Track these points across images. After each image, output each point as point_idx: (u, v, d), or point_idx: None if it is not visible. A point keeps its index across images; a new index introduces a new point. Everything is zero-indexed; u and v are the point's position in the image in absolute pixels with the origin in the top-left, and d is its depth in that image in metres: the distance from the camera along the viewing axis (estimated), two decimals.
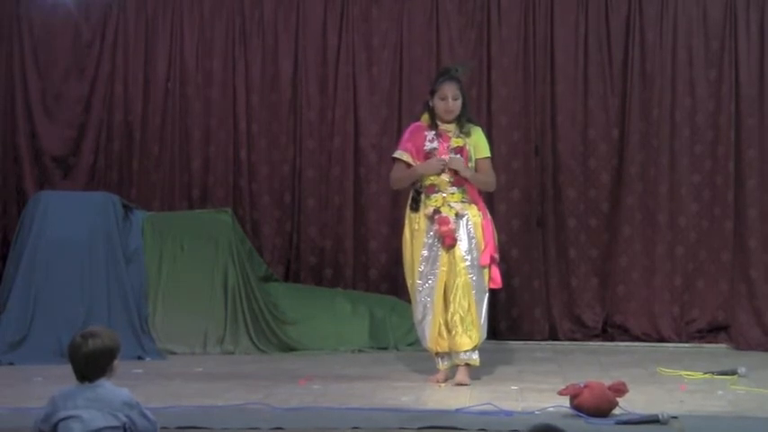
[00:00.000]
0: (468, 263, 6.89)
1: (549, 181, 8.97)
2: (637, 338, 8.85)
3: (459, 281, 6.86)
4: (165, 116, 9.18)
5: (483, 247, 6.93)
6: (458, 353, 6.89)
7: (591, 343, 8.84)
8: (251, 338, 8.35)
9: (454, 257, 6.90)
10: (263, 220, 9.13)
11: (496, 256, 7.04)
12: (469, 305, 6.86)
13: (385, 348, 8.47)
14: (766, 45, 8.82)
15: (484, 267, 6.92)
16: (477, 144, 7.07)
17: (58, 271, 8.06)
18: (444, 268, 6.90)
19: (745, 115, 8.81)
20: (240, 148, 9.14)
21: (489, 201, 8.90)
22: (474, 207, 7.00)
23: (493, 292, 7.15)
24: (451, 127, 7.04)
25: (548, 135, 8.98)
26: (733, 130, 8.81)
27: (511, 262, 8.90)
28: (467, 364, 6.90)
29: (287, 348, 8.38)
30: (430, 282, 6.96)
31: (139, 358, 7.88)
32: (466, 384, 6.84)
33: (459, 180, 6.97)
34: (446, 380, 6.95)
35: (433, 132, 7.06)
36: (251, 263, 8.65)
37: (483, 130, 7.23)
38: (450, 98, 6.99)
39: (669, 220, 8.87)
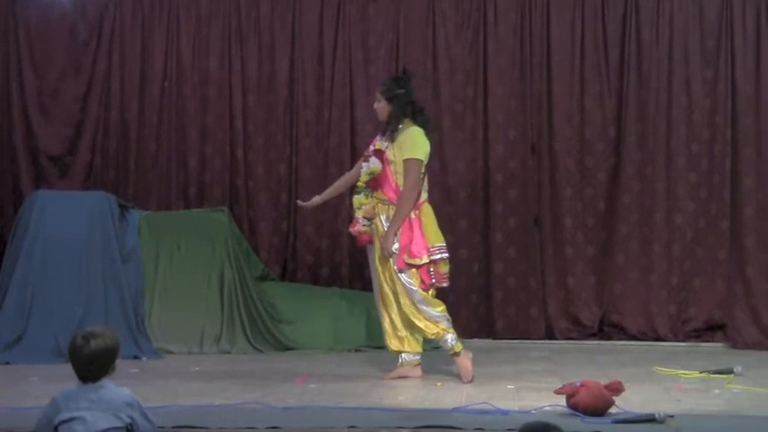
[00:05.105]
0: (380, 268, 7.04)
1: (546, 180, 8.97)
2: (633, 337, 8.85)
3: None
4: (162, 115, 9.18)
5: (397, 252, 6.95)
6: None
7: (587, 342, 8.85)
8: (247, 338, 8.34)
9: (375, 262, 7.09)
10: (260, 218, 9.13)
11: (422, 257, 6.92)
12: (383, 311, 7.05)
13: (381, 348, 8.44)
14: (762, 43, 8.83)
15: (400, 271, 6.93)
16: (401, 145, 7.02)
17: (55, 270, 8.06)
18: (376, 272, 7.09)
19: (742, 114, 8.81)
20: (237, 147, 9.14)
21: (486, 199, 8.95)
22: (393, 210, 7.01)
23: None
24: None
25: (544, 134, 8.98)
26: (729, 128, 8.82)
27: (507, 261, 8.92)
28: (453, 354, 6.99)
29: (283, 347, 8.38)
30: (375, 282, 7.18)
31: (136, 357, 7.88)
32: (465, 378, 6.93)
33: (371, 183, 7.07)
34: (399, 377, 7.05)
35: (378, 136, 7.20)
36: (247, 262, 8.65)
37: (426, 132, 7.07)
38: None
39: (666, 219, 8.88)
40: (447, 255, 7.07)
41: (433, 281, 6.99)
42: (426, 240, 6.97)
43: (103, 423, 4.20)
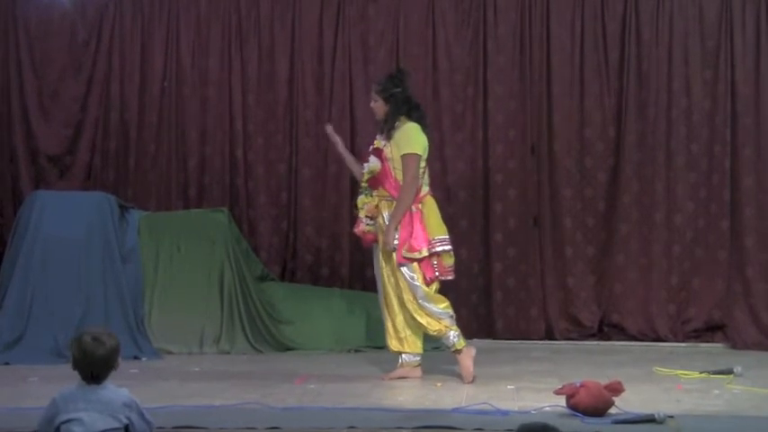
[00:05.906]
0: (384, 266, 7.06)
1: (546, 180, 8.96)
2: (633, 338, 8.85)
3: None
4: (162, 115, 9.18)
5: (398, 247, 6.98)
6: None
7: (587, 342, 8.84)
8: (247, 338, 8.34)
9: (379, 260, 7.11)
10: (260, 219, 9.13)
11: (421, 250, 6.94)
12: (385, 312, 7.08)
13: (381, 348, 8.44)
14: (762, 44, 8.83)
15: (401, 266, 6.95)
16: (398, 141, 7.06)
17: (55, 271, 8.05)
18: (382, 270, 7.09)
19: (741, 114, 8.81)
20: (236, 148, 9.14)
21: (486, 199, 8.95)
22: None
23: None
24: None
25: (544, 134, 8.97)
26: (729, 128, 8.82)
27: (507, 261, 8.92)
28: (455, 351, 6.99)
29: (283, 348, 8.38)
30: (379, 282, 7.18)
31: (136, 358, 7.88)
32: (466, 379, 6.92)
33: (372, 181, 7.11)
34: (399, 378, 7.06)
35: (377, 135, 7.24)
36: (247, 262, 8.65)
37: (422, 127, 7.11)
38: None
39: (665, 219, 8.88)
40: (450, 247, 7.08)
41: (437, 274, 6.98)
42: (427, 233, 6.98)
43: (101, 424, 4.20)
